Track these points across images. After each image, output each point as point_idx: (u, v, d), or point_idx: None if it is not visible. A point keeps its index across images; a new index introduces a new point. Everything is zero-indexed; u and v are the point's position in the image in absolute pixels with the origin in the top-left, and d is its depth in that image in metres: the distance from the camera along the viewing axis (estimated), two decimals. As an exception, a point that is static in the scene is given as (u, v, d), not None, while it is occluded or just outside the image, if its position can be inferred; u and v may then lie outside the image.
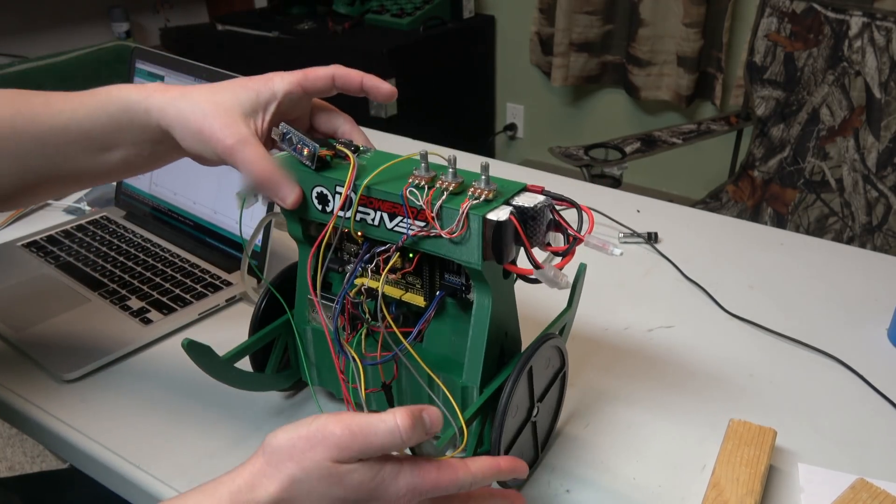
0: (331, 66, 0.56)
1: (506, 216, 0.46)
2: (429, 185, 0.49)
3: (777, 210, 1.74)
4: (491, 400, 0.52)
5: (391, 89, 0.57)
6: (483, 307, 0.51)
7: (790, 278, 0.85)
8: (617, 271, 0.87)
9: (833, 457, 0.61)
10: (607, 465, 0.60)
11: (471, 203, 0.47)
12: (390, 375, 0.57)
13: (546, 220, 0.49)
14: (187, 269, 0.83)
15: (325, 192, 0.52)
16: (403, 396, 0.58)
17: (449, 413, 0.52)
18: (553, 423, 0.61)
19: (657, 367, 0.71)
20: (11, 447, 1.71)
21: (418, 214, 0.49)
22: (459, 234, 0.47)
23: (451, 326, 0.55)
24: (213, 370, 0.56)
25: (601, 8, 2.58)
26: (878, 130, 1.57)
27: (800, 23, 1.64)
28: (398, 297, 0.55)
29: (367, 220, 0.51)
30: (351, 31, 2.58)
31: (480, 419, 0.52)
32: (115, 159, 0.56)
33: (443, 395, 0.54)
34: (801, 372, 0.70)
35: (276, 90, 0.54)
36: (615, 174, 1.87)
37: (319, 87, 0.56)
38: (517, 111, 3.04)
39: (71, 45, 1.43)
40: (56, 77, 1.33)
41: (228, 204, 0.84)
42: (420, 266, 0.54)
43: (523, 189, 0.50)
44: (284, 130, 0.54)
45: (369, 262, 0.53)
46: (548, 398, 0.57)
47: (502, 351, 0.55)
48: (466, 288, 0.53)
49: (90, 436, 0.62)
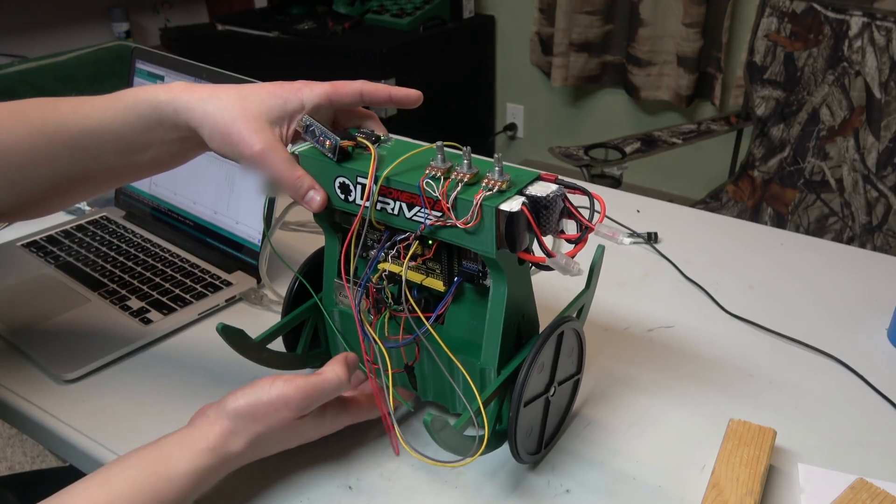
0: (358, 82, 0.58)
1: (518, 207, 0.48)
2: (444, 175, 0.51)
3: (777, 210, 1.74)
4: (508, 381, 0.54)
5: (418, 94, 0.60)
6: (499, 293, 0.53)
7: (790, 278, 0.85)
8: (617, 271, 0.87)
9: (833, 457, 0.61)
10: (607, 465, 0.60)
11: (484, 194, 0.48)
12: (412, 358, 0.59)
13: (558, 208, 0.50)
14: (187, 269, 0.83)
15: (347, 183, 0.54)
16: (425, 377, 0.60)
17: (467, 395, 0.54)
18: (571, 402, 0.62)
19: (657, 368, 0.71)
20: (11, 447, 1.71)
21: (435, 205, 0.50)
22: (474, 224, 0.49)
23: (470, 310, 0.57)
24: (247, 352, 0.60)
25: (601, 8, 2.58)
26: (878, 130, 1.57)
27: (800, 23, 1.64)
28: (419, 282, 0.57)
29: (387, 209, 0.53)
30: (351, 31, 2.58)
31: (498, 399, 0.54)
32: (146, 159, 0.57)
33: (462, 377, 0.55)
34: (801, 372, 0.70)
35: (304, 101, 0.56)
36: (615, 174, 1.87)
37: (347, 101, 0.58)
38: (517, 111, 3.04)
39: (71, 45, 1.43)
40: (56, 77, 1.33)
41: (228, 204, 0.84)
42: (439, 252, 0.55)
43: (537, 178, 0.51)
44: (308, 123, 0.55)
45: (390, 249, 0.55)
46: (567, 369, 0.58)
47: (519, 333, 0.56)
48: (483, 274, 0.54)
49: (90, 436, 0.63)
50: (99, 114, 0.56)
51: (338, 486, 0.58)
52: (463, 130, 2.93)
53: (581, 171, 1.66)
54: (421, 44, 2.55)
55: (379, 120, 0.61)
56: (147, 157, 0.57)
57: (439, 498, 0.57)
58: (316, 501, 0.56)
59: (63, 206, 0.63)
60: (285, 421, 0.53)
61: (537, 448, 0.58)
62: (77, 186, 0.59)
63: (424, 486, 0.58)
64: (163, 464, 0.50)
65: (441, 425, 0.48)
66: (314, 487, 0.57)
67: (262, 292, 0.80)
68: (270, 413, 0.52)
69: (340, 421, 0.58)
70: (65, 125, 0.56)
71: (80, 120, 0.56)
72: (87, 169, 0.57)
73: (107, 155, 0.57)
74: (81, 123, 0.56)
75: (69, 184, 0.58)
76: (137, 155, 0.57)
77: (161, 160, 0.58)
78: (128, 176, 0.60)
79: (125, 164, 0.58)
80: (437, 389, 0.60)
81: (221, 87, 0.56)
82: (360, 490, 0.57)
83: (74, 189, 0.59)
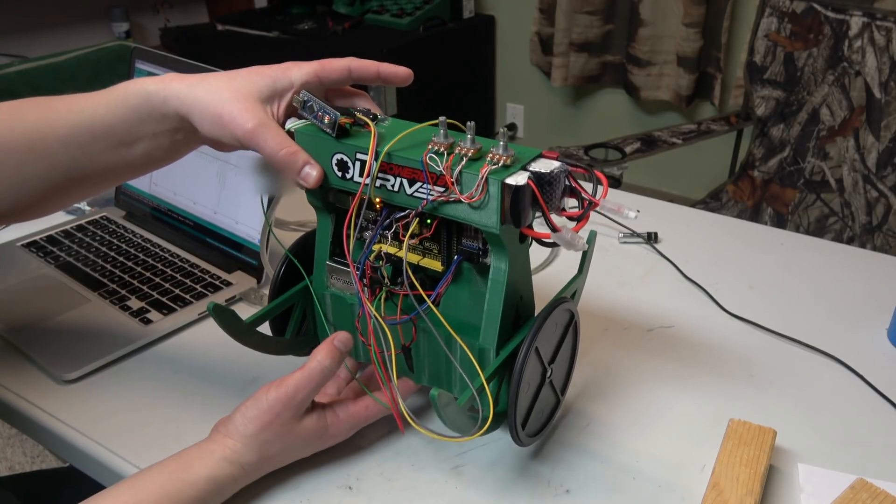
0: (346, 59, 0.58)
1: (524, 181, 0.48)
2: (448, 151, 0.50)
3: (777, 210, 1.74)
4: (508, 361, 0.53)
5: (408, 71, 0.59)
6: (500, 270, 0.53)
7: (790, 278, 0.85)
8: (617, 271, 0.87)
9: (833, 457, 0.61)
10: (607, 465, 0.60)
11: (490, 168, 0.48)
12: (409, 339, 0.58)
13: (562, 185, 0.50)
14: (187, 269, 0.83)
15: (345, 159, 0.54)
16: (422, 359, 0.59)
17: (469, 374, 0.54)
18: (568, 376, 0.62)
19: (657, 368, 0.71)
20: (11, 447, 1.71)
21: (438, 180, 0.50)
22: (479, 198, 0.49)
23: (468, 291, 0.57)
24: (237, 333, 0.59)
25: (601, 8, 2.58)
26: (878, 130, 1.57)
27: (800, 23, 1.64)
28: (416, 262, 0.57)
29: (386, 186, 0.53)
30: (351, 31, 2.58)
31: (497, 380, 0.54)
32: (137, 153, 0.57)
33: (462, 356, 0.55)
34: (801, 372, 0.70)
35: (293, 79, 0.56)
36: (615, 174, 1.87)
37: (335, 78, 0.58)
38: (517, 111, 3.03)
39: (71, 45, 1.43)
40: (56, 77, 1.33)
41: (228, 204, 0.84)
42: (438, 231, 0.55)
43: (539, 155, 0.51)
44: (305, 98, 0.55)
45: (388, 229, 0.55)
46: (562, 351, 0.58)
47: (517, 314, 0.56)
48: (483, 252, 0.54)
49: (90, 436, 0.63)
50: (91, 109, 0.55)
51: (338, 486, 0.58)
52: (463, 130, 2.92)
53: (581, 171, 1.66)
54: (421, 44, 2.55)
55: (370, 99, 0.60)
56: (138, 151, 0.57)
57: (439, 498, 0.57)
58: (316, 501, 0.56)
59: (60, 207, 0.63)
60: (288, 423, 0.55)
61: (537, 430, 0.58)
62: (73, 185, 0.58)
63: (424, 485, 0.58)
64: (185, 470, 0.52)
65: (447, 401, 0.48)
66: (314, 487, 0.57)
67: (262, 292, 0.80)
68: (273, 418, 0.54)
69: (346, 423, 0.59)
70: (59, 122, 0.55)
71: (72, 116, 0.55)
72: (81, 166, 0.57)
73: (100, 151, 0.56)
74: (74, 119, 0.55)
75: (65, 182, 0.58)
76: (128, 149, 0.56)
77: (153, 154, 0.57)
78: (122, 174, 0.60)
79: (116, 160, 0.57)
80: (434, 372, 0.59)
81: (211, 73, 0.56)
82: (360, 490, 0.57)
83: (70, 188, 0.59)
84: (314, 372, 0.55)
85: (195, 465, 0.52)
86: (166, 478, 0.51)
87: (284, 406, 0.54)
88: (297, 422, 0.55)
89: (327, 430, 0.57)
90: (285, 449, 0.56)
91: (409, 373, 0.61)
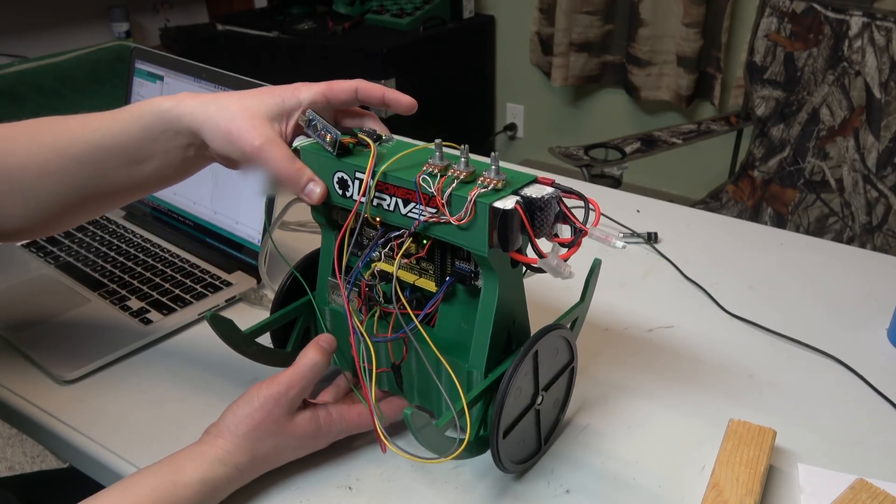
0: (354, 81, 0.59)
1: (511, 205, 0.48)
2: (442, 173, 0.51)
3: (777, 210, 1.74)
4: (495, 385, 0.53)
5: (412, 101, 0.60)
6: (490, 293, 0.53)
7: (790, 278, 0.85)
8: (617, 271, 0.87)
9: (833, 457, 0.61)
10: (607, 466, 0.60)
11: (479, 191, 0.49)
12: (400, 357, 0.59)
13: (553, 211, 0.50)
14: (187, 270, 0.83)
15: (345, 178, 0.55)
16: (412, 378, 0.59)
17: (451, 396, 0.54)
18: (559, 417, 0.61)
19: (657, 368, 0.71)
20: (11, 447, 1.71)
21: (430, 201, 0.50)
22: (467, 220, 0.49)
23: (461, 312, 0.57)
24: (236, 344, 0.60)
25: (601, 8, 2.58)
26: (878, 130, 1.57)
27: (800, 23, 1.64)
28: (412, 282, 0.57)
29: (383, 205, 0.53)
30: (351, 31, 2.58)
31: (483, 403, 0.54)
32: (148, 171, 0.58)
33: (447, 378, 0.55)
34: (801, 372, 0.70)
35: (301, 99, 0.57)
36: (615, 174, 1.87)
37: (342, 99, 0.59)
38: (517, 111, 3.03)
39: (71, 45, 1.43)
40: (56, 77, 1.33)
41: (228, 204, 0.84)
42: (432, 252, 0.55)
43: (533, 181, 0.51)
44: (310, 117, 0.56)
45: (384, 247, 0.55)
46: (554, 389, 0.58)
47: (509, 338, 0.56)
48: (475, 275, 0.54)
49: (90, 436, 0.63)
50: (106, 127, 0.57)
51: (338, 486, 0.58)
52: (463, 130, 2.93)
53: (581, 171, 1.66)
54: (421, 44, 2.55)
55: (379, 119, 0.61)
56: (149, 168, 0.58)
57: (439, 498, 0.57)
58: (316, 502, 0.56)
59: (72, 225, 0.64)
60: (280, 420, 0.55)
61: (525, 458, 0.58)
62: (86, 203, 0.60)
63: (424, 486, 0.58)
64: (178, 472, 0.52)
65: (422, 422, 0.48)
66: (314, 487, 0.57)
67: (262, 292, 0.80)
68: (264, 416, 0.54)
69: (339, 424, 0.59)
70: (74, 140, 0.57)
71: (87, 134, 0.57)
72: (95, 184, 0.58)
73: (114, 169, 0.57)
74: (89, 137, 0.57)
75: (79, 200, 0.59)
76: (139, 166, 0.58)
77: (164, 172, 0.59)
78: (133, 191, 0.61)
79: (128, 178, 0.58)
80: (423, 392, 0.59)
81: (223, 93, 0.57)
82: (360, 490, 0.57)
83: (83, 206, 0.60)
84: (305, 368, 0.56)
85: (188, 467, 0.52)
86: (159, 481, 0.51)
87: (276, 403, 0.54)
88: (289, 419, 0.55)
89: (320, 430, 0.57)
90: (278, 448, 0.56)
91: (399, 391, 0.61)
